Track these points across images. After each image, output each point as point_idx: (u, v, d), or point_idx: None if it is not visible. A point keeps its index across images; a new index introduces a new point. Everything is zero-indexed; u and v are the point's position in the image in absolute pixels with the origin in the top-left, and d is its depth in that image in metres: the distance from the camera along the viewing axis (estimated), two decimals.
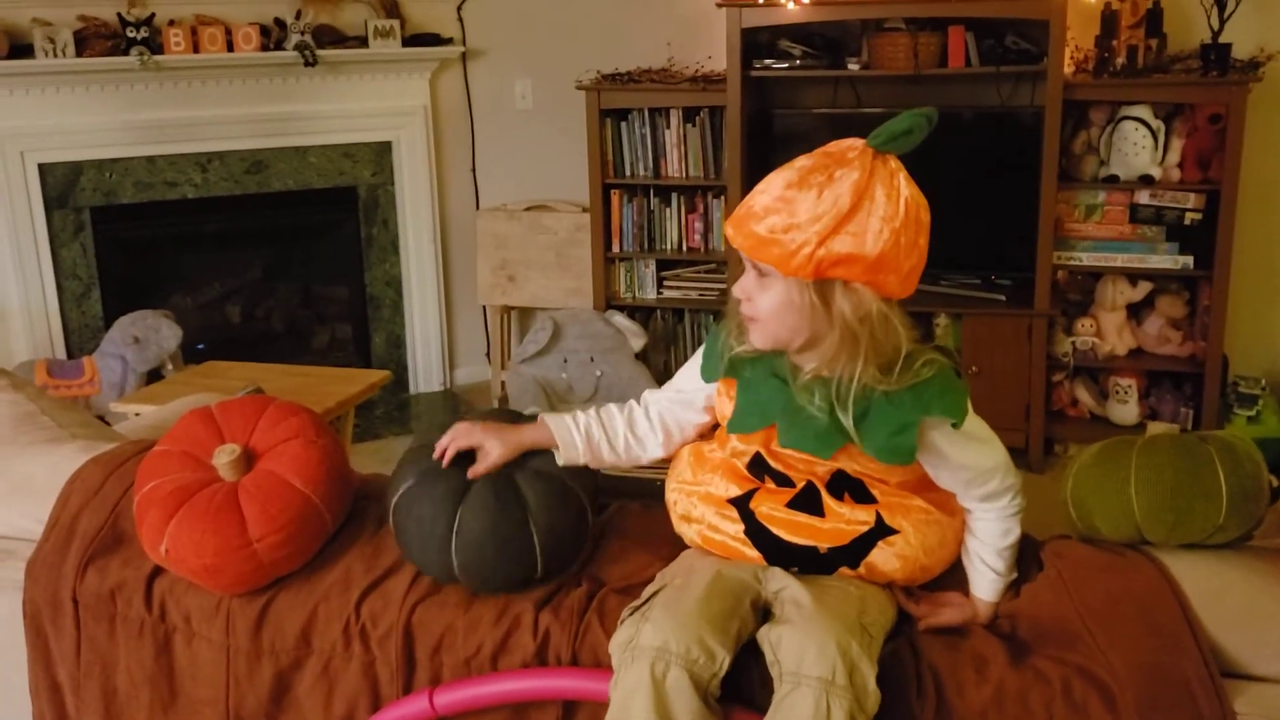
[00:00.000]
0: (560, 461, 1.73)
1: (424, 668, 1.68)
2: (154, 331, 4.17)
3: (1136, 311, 4.18)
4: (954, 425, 1.53)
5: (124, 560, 1.83)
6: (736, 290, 1.55)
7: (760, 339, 1.55)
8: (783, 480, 1.61)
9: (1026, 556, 1.70)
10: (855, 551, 1.59)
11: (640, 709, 1.43)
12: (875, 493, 1.60)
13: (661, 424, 1.76)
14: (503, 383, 4.91)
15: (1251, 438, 1.74)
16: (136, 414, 3.25)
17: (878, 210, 1.44)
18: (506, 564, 1.64)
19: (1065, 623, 1.54)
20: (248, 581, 1.74)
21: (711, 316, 4.61)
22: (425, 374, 5.13)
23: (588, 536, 1.75)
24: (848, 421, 1.50)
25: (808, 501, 1.59)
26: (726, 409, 1.64)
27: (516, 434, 1.73)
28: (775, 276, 1.49)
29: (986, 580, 1.63)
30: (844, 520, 1.58)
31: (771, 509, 1.60)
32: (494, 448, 1.70)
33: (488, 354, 5.15)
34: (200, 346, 4.66)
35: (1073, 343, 4.12)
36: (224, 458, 1.77)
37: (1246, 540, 1.61)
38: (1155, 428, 4.00)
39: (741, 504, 1.62)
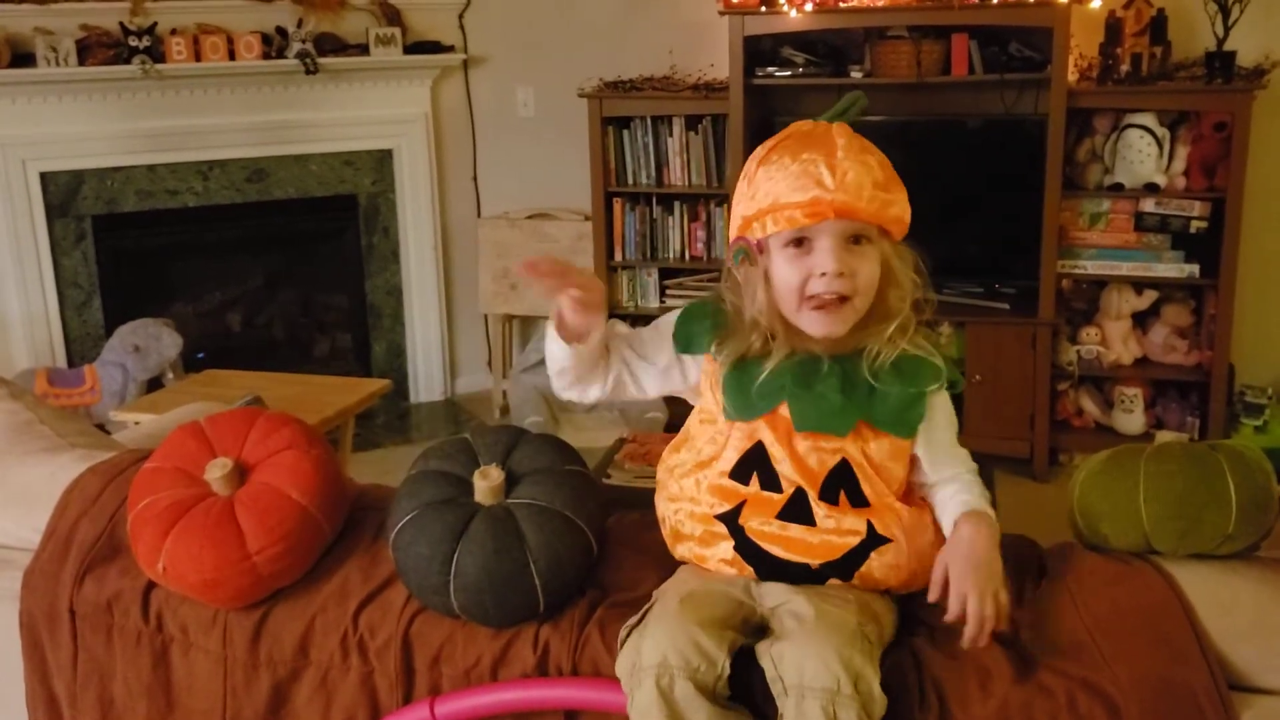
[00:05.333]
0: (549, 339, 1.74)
1: (423, 679, 1.66)
2: (154, 340, 4.17)
3: (1142, 320, 4.17)
4: (949, 387, 1.59)
5: (121, 570, 1.82)
6: (838, 267, 1.48)
7: (851, 318, 1.52)
8: (770, 483, 1.56)
9: (1029, 562, 1.68)
10: (848, 565, 1.55)
11: None
12: (868, 493, 1.55)
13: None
14: (504, 392, 4.90)
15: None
16: (136, 422, 3.24)
17: None
18: (507, 604, 1.61)
19: (1071, 634, 1.53)
20: (247, 595, 1.72)
21: None
22: (426, 383, 5.12)
23: (592, 570, 1.71)
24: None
25: (797, 510, 1.54)
26: (710, 400, 1.61)
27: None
28: (872, 243, 1.52)
29: (960, 501, 1.58)
30: (835, 532, 1.54)
31: (761, 523, 1.55)
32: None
33: (489, 363, 5.14)
34: (200, 355, 4.65)
35: (1077, 351, 4.10)
36: (217, 472, 1.74)
37: (1254, 551, 1.59)
38: (1164, 436, 3.98)
39: (730, 519, 1.57)
